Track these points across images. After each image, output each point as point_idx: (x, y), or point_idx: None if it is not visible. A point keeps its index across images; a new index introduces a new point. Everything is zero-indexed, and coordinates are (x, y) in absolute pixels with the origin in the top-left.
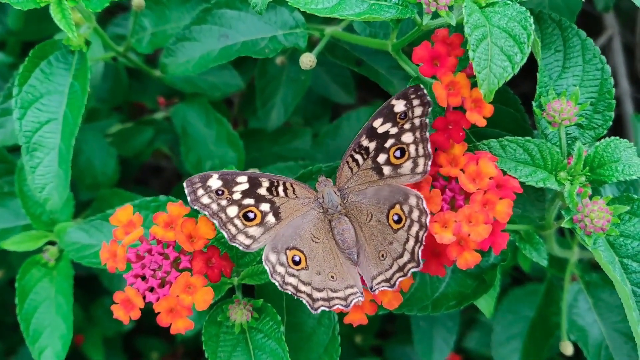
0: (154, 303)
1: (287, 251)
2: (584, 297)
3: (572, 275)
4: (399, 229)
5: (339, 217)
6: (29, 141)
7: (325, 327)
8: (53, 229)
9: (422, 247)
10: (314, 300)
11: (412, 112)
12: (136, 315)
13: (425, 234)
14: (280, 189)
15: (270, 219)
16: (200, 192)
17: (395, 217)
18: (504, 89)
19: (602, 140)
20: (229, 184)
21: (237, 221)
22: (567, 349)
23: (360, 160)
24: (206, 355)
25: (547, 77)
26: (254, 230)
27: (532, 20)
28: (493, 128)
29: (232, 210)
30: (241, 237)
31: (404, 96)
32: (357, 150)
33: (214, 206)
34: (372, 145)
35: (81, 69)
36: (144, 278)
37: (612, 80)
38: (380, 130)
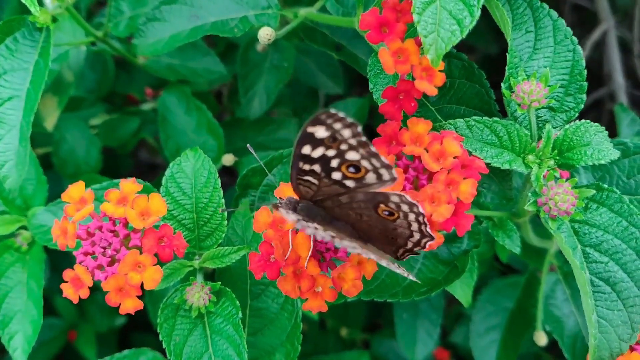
0: (102, 281)
1: None
2: (562, 288)
3: (550, 266)
4: (396, 219)
5: (330, 221)
6: None
7: (288, 312)
8: (27, 213)
9: (427, 226)
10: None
11: (341, 135)
12: (85, 293)
13: (425, 218)
14: None
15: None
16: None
17: (386, 213)
18: (469, 64)
19: (572, 123)
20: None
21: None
22: (541, 339)
23: (314, 180)
24: (160, 338)
25: (517, 58)
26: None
27: None
28: (458, 105)
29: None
30: None
31: (319, 122)
32: (303, 173)
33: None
34: (316, 168)
35: (47, 46)
36: (94, 256)
37: (583, 62)
38: (315, 155)
